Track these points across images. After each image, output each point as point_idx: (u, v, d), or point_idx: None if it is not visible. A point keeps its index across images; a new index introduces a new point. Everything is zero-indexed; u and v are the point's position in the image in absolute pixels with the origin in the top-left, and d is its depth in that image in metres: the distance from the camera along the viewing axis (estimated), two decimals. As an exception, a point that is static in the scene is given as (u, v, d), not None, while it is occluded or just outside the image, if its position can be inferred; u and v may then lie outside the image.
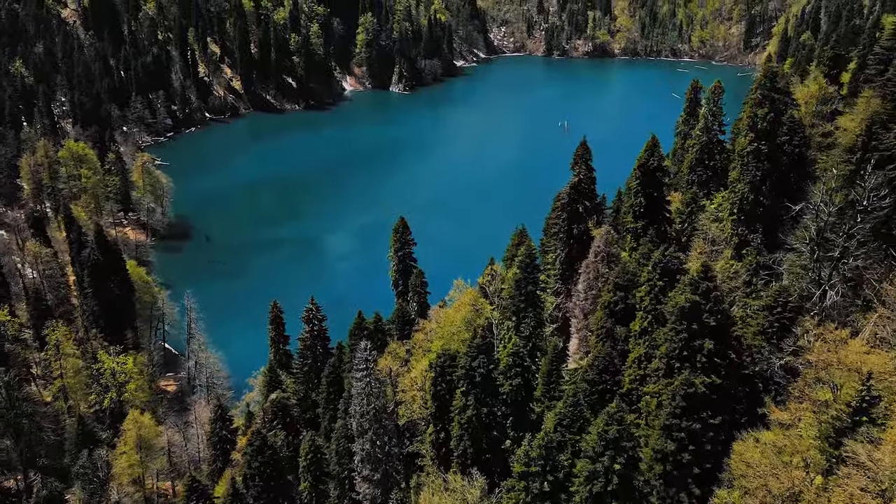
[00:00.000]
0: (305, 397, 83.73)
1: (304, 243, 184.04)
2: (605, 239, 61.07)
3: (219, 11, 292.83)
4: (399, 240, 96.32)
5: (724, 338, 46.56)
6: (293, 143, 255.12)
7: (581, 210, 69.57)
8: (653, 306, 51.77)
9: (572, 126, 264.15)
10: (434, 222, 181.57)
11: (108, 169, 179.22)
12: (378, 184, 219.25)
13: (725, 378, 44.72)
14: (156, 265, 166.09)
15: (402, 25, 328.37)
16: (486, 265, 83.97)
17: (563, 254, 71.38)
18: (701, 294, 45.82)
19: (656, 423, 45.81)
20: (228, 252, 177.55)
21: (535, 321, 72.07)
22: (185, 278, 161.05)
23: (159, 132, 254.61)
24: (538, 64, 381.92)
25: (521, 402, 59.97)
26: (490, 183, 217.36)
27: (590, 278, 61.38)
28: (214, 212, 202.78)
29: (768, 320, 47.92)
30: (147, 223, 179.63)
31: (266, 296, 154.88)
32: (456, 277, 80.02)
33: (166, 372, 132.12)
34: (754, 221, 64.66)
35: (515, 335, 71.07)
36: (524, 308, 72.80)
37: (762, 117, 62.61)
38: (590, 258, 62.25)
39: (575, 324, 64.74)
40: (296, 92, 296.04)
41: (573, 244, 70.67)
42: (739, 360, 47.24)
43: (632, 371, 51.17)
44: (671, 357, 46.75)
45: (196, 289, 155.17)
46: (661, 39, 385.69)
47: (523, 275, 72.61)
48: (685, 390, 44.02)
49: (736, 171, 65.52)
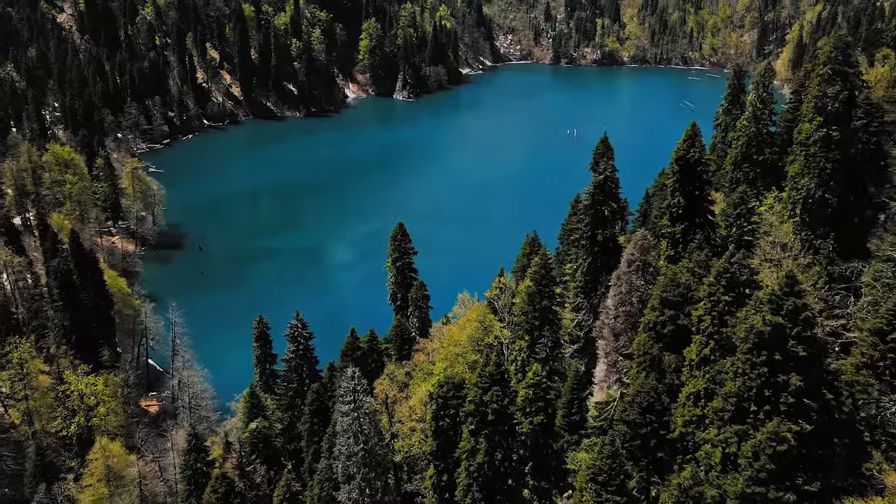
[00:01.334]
0: (290, 426, 74.29)
1: (302, 253, 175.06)
2: (641, 245, 51.63)
3: (218, 16, 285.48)
4: (397, 248, 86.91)
5: (817, 372, 36.60)
6: (293, 151, 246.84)
7: (607, 213, 60.35)
8: (715, 329, 41.85)
9: (581, 133, 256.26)
10: (438, 231, 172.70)
11: (96, 175, 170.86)
12: (380, 192, 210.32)
13: (819, 426, 34.73)
14: (143, 276, 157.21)
15: (407, 32, 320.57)
16: (494, 277, 74.69)
17: (585, 263, 62.07)
18: (786, 315, 35.94)
19: (728, 487, 35.77)
20: (222, 262, 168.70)
21: (552, 341, 62.64)
22: (174, 290, 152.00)
23: (155, 139, 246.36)
24: (545, 71, 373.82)
25: (543, 444, 50.28)
26: (497, 191, 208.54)
27: (622, 292, 51.98)
28: (209, 221, 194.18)
29: (879, 350, 37.72)
30: (136, 232, 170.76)
31: (260, 309, 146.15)
32: (461, 291, 70.60)
33: (149, 391, 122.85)
34: (822, 224, 54.76)
35: (530, 358, 61.60)
36: (539, 326, 63.43)
37: (833, 97, 52.97)
38: (621, 268, 52.83)
39: (602, 346, 55.38)
40: (297, 99, 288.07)
41: (597, 252, 61.34)
42: (837, 403, 36.92)
43: (685, 411, 41.10)
44: (743, 396, 37.05)
45: (185, 301, 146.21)
46: (672, 47, 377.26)
47: (537, 288, 63.24)
48: (774, 447, 34.09)
49: (798, 164, 55.66)
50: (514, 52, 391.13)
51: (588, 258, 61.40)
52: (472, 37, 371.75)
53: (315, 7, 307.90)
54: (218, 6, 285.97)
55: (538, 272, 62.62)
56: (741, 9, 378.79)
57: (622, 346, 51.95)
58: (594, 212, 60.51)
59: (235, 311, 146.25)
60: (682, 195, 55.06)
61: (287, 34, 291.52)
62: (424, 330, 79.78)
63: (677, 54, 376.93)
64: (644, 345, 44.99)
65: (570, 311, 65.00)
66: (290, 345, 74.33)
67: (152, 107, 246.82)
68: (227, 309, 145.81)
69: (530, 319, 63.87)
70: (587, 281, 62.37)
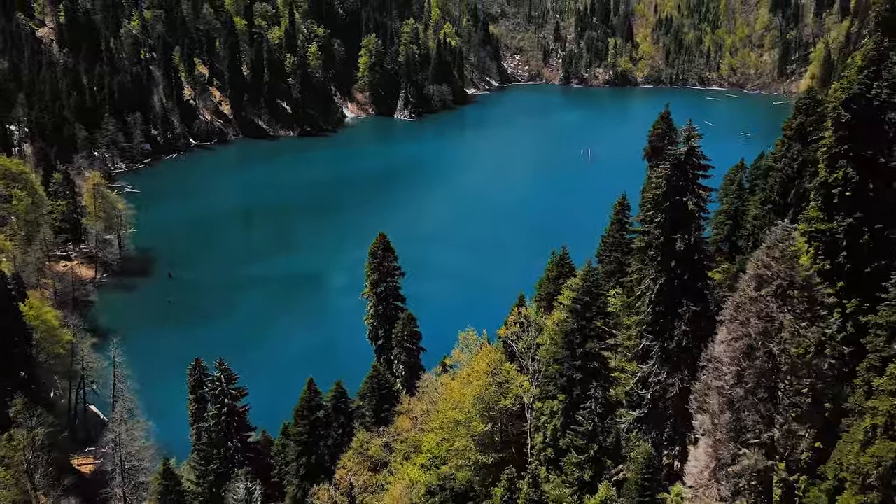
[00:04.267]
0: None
1: (288, 281, 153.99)
2: (782, 251, 30.50)
3: (208, 30, 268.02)
4: (378, 267, 65.85)
5: None
6: (284, 170, 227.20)
7: (691, 206, 39.14)
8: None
9: (595, 154, 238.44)
10: (438, 254, 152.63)
11: (54, 191, 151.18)
12: (379, 213, 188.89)
13: None
14: (98, 306, 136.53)
15: (409, 49, 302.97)
16: (510, 308, 53.55)
17: (655, 286, 41.01)
18: None
19: None
20: (195, 291, 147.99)
21: (601, 405, 41.31)
22: (132, 323, 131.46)
23: (135, 157, 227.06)
24: (555, 92, 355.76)
25: None
26: (508, 213, 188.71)
27: (746, 335, 31.04)
28: (185, 245, 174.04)
29: None
30: (97, 255, 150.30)
31: (232, 345, 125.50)
32: (464, 328, 49.64)
33: (86, 446, 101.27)
34: None
35: (568, 430, 40.22)
36: (581, 381, 42.17)
37: None
38: (747, 292, 31.75)
39: (704, 421, 34.42)
40: (290, 117, 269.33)
41: (675, 268, 40.34)
42: None
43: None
44: None
45: (144, 336, 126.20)
46: (688, 67, 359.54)
47: (578, 323, 42.12)
48: None
49: None
50: (523, 73, 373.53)
51: (661, 278, 40.36)
52: (479, 56, 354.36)
53: (312, 22, 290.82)
54: (208, 19, 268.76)
55: (580, 300, 41.62)
56: (760, 28, 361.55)
57: (745, 429, 31.00)
58: (671, 205, 39.61)
59: (204, 347, 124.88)
60: (851, 165, 33.73)
61: (281, 49, 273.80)
62: (413, 380, 58.57)
63: (694, 74, 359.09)
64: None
65: (627, 359, 43.91)
66: (211, 407, 53.09)
67: (133, 124, 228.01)
68: (195, 345, 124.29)
69: (567, 370, 42.80)
70: (658, 313, 41.35)
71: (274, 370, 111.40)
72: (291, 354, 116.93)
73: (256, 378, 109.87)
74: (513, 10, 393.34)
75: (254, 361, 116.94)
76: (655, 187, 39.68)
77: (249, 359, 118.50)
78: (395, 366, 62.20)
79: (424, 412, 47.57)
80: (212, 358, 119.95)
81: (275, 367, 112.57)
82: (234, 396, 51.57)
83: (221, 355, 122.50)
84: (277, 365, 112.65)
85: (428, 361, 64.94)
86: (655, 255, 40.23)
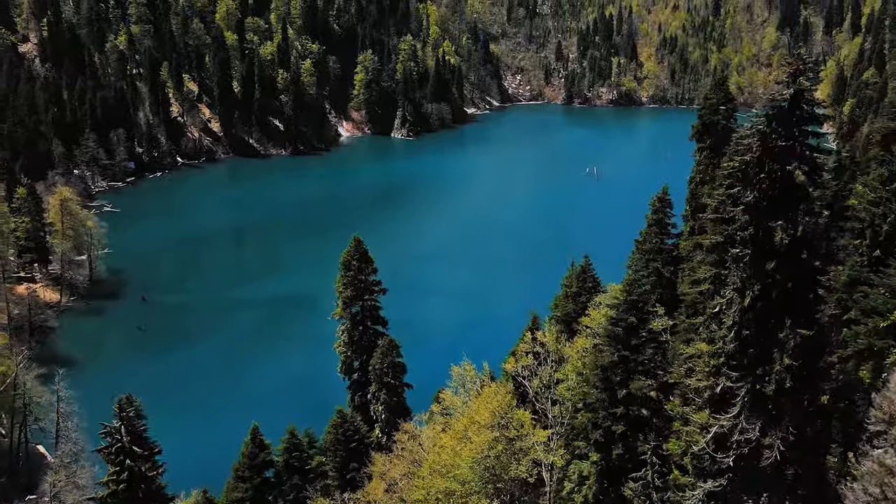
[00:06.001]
0: None
1: (271, 305, 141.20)
2: None
3: (198, 45, 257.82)
4: (353, 282, 53.07)
5: None
6: (274, 189, 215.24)
7: (801, 179, 26.35)
8: None
9: (601, 172, 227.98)
10: (435, 274, 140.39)
11: (17, 207, 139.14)
12: (372, 232, 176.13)
13: None
14: (58, 333, 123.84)
15: (407, 66, 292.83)
16: (520, 334, 40.84)
17: (742, 300, 28.16)
18: None
19: None
20: (170, 316, 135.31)
21: (655, 470, 28.56)
22: (92, 352, 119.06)
23: (116, 176, 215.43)
24: (558, 111, 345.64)
25: None
26: (512, 231, 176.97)
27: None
28: (165, 266, 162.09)
29: None
30: (63, 277, 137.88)
31: (200, 378, 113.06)
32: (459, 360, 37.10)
33: (27, 493, 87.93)
34: None
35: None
36: (623, 434, 29.46)
37: None
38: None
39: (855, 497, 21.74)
40: (283, 135, 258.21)
41: (773, 273, 27.57)
42: None
43: None
44: None
45: (103, 367, 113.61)
46: (694, 86, 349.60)
47: (618, 353, 29.58)
48: None
49: None
50: (524, 93, 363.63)
51: (753, 288, 27.49)
52: (479, 75, 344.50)
53: (306, 38, 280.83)
54: (198, 34, 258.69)
55: (621, 321, 28.93)
56: (767, 47, 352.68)
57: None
58: (767, 177, 26.72)
59: (173, 378, 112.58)
60: None
61: (273, 65, 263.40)
62: (393, 428, 45.68)
63: (700, 94, 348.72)
64: None
65: (694, 406, 31.04)
66: (109, 466, 40.26)
67: (116, 141, 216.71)
68: (161, 376, 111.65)
69: (603, 420, 30.11)
70: (746, 340, 28.53)
71: (241, 407, 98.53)
72: (268, 387, 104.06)
73: (219, 416, 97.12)
74: (513, 30, 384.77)
75: (222, 395, 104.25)
76: (743, 152, 27.20)
77: (217, 392, 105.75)
78: (374, 407, 49.26)
79: (406, 475, 34.97)
80: (193, 386, 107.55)
81: (243, 403, 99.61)
82: (139, 456, 38.54)
83: (190, 386, 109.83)
84: (247, 400, 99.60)
85: (417, 400, 51.77)
86: (741, 253, 27.73)
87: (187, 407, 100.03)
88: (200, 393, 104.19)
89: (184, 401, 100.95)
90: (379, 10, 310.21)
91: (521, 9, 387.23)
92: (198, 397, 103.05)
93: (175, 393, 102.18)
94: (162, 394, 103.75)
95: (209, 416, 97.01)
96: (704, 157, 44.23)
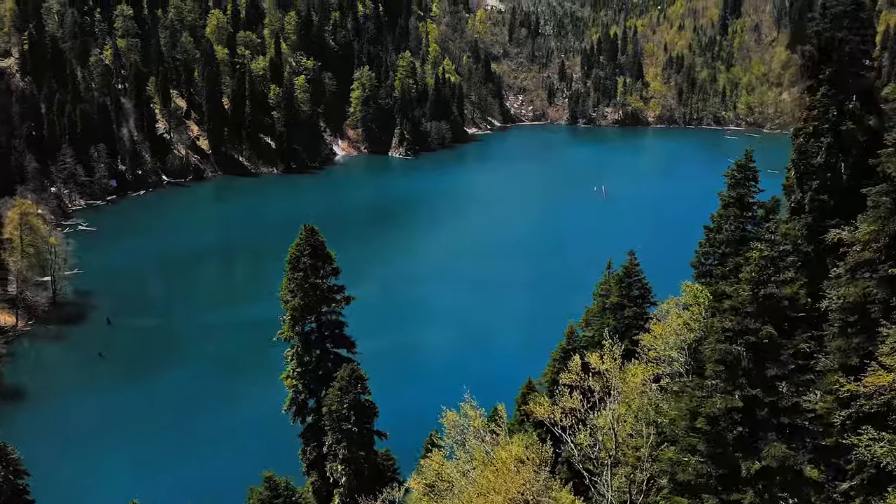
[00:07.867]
0: None
1: (249, 330, 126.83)
2: None
3: (187, 60, 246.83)
4: (301, 286, 39.00)
5: None
6: (263, 209, 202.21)
7: None
8: None
9: (609, 191, 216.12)
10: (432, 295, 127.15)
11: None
12: (366, 252, 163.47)
13: None
14: (8, 362, 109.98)
15: (406, 83, 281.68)
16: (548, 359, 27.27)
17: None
18: None
19: None
20: (136, 342, 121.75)
21: None
22: (44, 382, 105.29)
23: (96, 194, 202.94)
24: (562, 132, 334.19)
25: None
26: (516, 253, 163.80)
27: None
28: (138, 288, 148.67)
29: None
30: (18, 299, 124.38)
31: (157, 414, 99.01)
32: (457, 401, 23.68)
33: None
34: None
35: None
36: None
37: None
38: None
39: None
40: (274, 153, 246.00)
41: None
42: None
43: None
44: None
45: (54, 399, 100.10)
46: (702, 106, 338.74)
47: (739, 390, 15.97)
48: None
49: None
50: (527, 113, 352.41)
51: None
52: (480, 94, 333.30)
53: (301, 54, 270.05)
54: (187, 48, 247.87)
55: (743, 331, 15.33)
56: (777, 66, 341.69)
57: None
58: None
59: (135, 410, 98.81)
60: None
61: (265, 81, 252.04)
62: (358, 493, 31.47)
63: (708, 114, 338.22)
64: None
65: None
66: None
67: (97, 157, 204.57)
68: (124, 407, 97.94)
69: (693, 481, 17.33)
70: None
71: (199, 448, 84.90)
72: (233, 424, 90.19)
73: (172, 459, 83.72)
74: (515, 50, 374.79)
75: (180, 433, 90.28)
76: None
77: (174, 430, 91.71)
78: (330, 466, 34.86)
79: None
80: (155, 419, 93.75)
81: (203, 442, 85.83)
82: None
83: (144, 422, 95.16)
84: (206, 441, 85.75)
85: (403, 452, 37.49)
86: None
87: (139, 446, 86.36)
88: (153, 431, 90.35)
89: (134, 439, 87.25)
90: (377, 27, 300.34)
91: (523, 28, 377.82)
92: (150, 436, 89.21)
93: (125, 430, 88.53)
94: (111, 431, 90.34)
95: (161, 458, 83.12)
96: (822, 95, 31.09)
